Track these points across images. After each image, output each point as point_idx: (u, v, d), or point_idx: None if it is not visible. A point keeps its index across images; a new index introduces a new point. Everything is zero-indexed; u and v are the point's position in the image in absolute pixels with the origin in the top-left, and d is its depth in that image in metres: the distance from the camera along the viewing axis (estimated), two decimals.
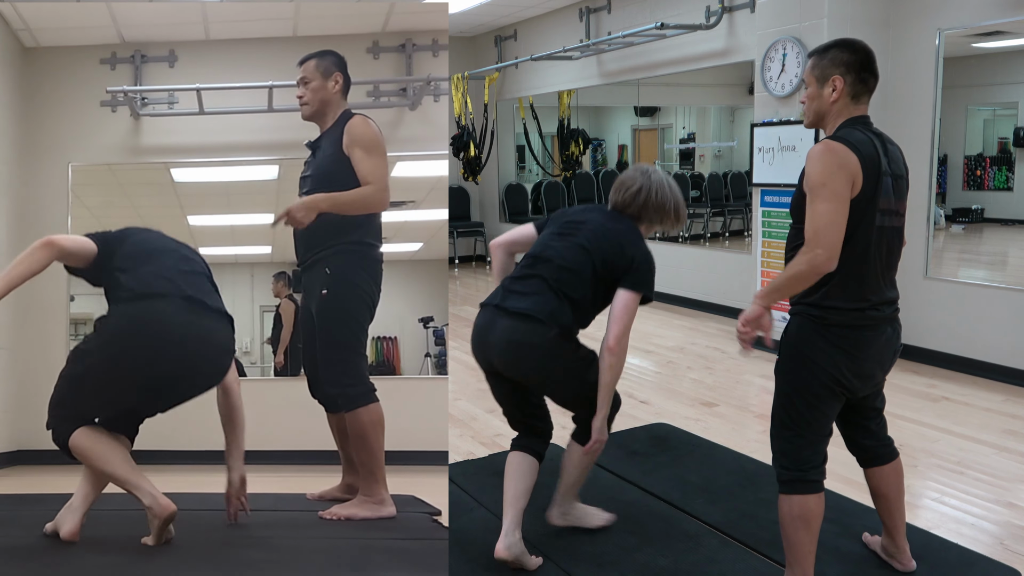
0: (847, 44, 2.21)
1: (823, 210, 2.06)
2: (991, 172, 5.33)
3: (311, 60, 2.87)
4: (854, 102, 2.20)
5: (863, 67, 2.19)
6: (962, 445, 3.70)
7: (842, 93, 2.19)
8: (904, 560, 2.53)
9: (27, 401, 4.26)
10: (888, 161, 2.16)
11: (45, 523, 2.41)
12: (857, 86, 2.19)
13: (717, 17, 6.38)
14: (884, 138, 2.21)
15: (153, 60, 4.44)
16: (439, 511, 2.95)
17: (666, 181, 2.70)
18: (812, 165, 2.10)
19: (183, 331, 2.28)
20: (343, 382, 2.70)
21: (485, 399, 4.56)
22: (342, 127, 2.80)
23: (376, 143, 2.76)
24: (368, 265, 2.75)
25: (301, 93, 2.87)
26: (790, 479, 2.27)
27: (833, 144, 2.09)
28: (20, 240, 4.30)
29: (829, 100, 2.20)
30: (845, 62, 2.18)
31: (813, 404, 2.23)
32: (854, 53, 2.19)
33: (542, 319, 2.49)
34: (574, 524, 2.83)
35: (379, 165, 2.74)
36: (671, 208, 2.68)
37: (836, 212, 2.06)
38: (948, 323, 4.90)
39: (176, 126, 4.43)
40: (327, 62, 2.86)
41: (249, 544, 2.41)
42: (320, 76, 2.85)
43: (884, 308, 2.21)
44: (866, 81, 2.20)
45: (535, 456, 2.66)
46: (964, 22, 4.71)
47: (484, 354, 2.60)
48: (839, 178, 2.06)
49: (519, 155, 10.32)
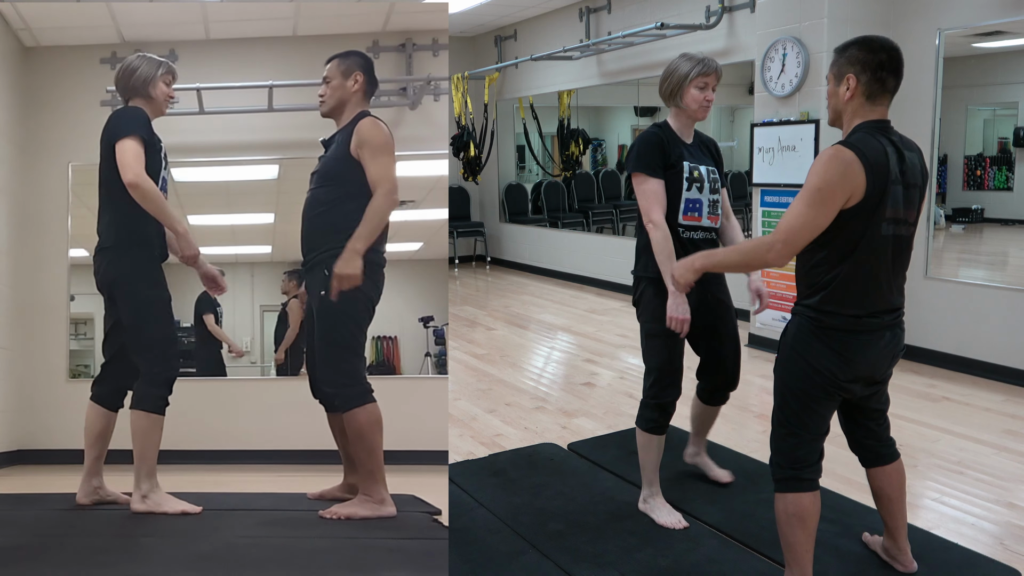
0: (866, 42, 2.17)
1: (804, 213, 2.07)
2: (991, 172, 5.33)
3: (335, 59, 2.89)
4: (870, 102, 2.16)
5: (881, 66, 2.13)
6: (962, 445, 3.70)
7: (856, 92, 2.16)
8: (905, 561, 2.53)
9: (27, 401, 4.26)
10: (902, 170, 2.13)
11: (45, 523, 2.41)
12: (873, 86, 2.14)
13: (717, 17, 6.38)
14: (903, 145, 2.17)
15: None
16: (439, 511, 2.95)
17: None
18: (816, 166, 2.09)
19: None
20: (340, 382, 2.71)
21: (485, 399, 4.58)
22: (353, 127, 2.80)
23: (384, 144, 2.76)
24: (368, 267, 2.75)
25: (322, 91, 2.88)
26: (784, 477, 2.27)
27: (843, 152, 2.07)
28: (20, 240, 4.30)
29: (844, 99, 2.18)
30: (861, 60, 2.14)
31: (807, 404, 2.24)
32: (871, 52, 2.14)
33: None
34: (701, 468, 3.26)
35: (386, 166, 2.75)
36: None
37: (815, 219, 2.07)
38: (948, 323, 4.90)
39: (176, 125, 4.42)
40: (349, 62, 2.88)
41: (249, 544, 2.40)
42: (340, 75, 2.86)
43: (885, 316, 2.20)
44: (883, 81, 2.14)
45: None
46: (964, 22, 4.71)
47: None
48: (835, 188, 2.05)
49: (519, 155, 10.31)
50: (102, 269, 2.82)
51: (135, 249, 2.80)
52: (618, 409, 4.31)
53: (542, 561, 2.65)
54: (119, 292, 2.79)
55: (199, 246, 2.90)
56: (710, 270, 2.38)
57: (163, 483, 3.01)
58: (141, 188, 2.68)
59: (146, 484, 2.76)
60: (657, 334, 2.81)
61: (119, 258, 2.79)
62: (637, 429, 2.95)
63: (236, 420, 4.32)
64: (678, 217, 2.79)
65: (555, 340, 6.16)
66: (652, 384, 2.89)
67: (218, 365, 4.58)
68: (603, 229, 9.40)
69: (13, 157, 4.28)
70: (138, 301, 2.78)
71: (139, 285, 2.79)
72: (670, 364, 2.84)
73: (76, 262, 4.40)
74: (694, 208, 2.81)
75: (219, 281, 3.04)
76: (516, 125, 9.78)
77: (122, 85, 2.89)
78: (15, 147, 4.30)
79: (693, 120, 2.86)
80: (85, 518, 2.73)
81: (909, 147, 2.20)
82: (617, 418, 4.16)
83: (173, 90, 2.96)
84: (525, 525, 2.91)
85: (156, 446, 2.79)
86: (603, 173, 10.10)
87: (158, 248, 2.86)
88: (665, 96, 2.84)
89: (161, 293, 2.84)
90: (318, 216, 2.79)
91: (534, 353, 5.80)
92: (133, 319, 2.79)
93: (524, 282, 8.87)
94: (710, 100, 2.79)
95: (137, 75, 2.87)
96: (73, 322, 4.41)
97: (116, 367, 2.92)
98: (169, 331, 2.84)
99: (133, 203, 2.73)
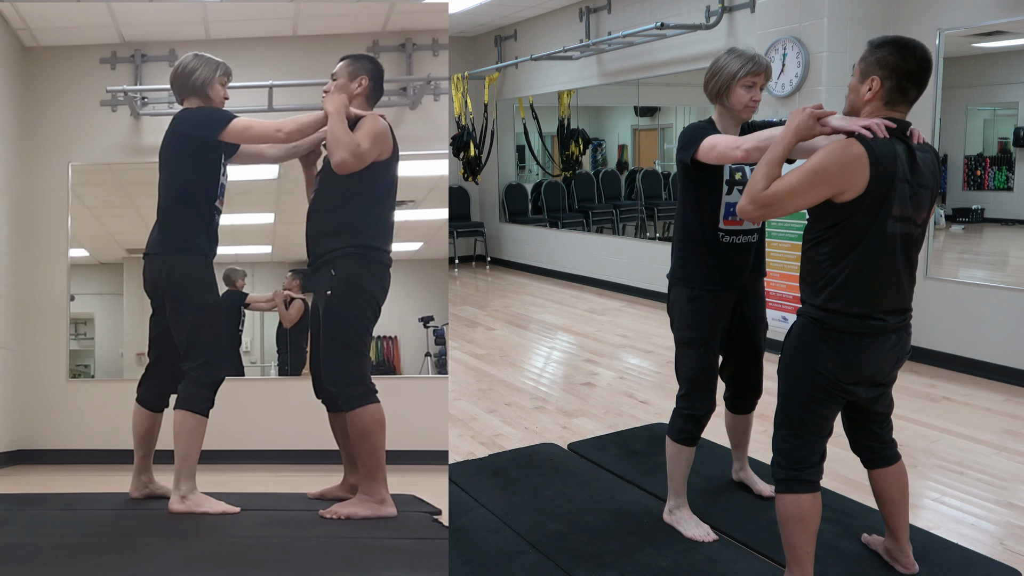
0: (900, 47, 2.10)
1: (792, 185, 2.08)
2: (991, 172, 5.33)
3: (346, 59, 2.90)
4: (888, 107, 2.13)
5: (908, 76, 2.09)
6: (962, 445, 3.70)
7: (877, 95, 2.13)
8: (907, 562, 2.53)
9: (27, 401, 4.26)
10: (912, 169, 2.11)
11: (45, 523, 2.41)
12: (895, 94, 2.11)
13: (717, 17, 6.38)
14: (917, 147, 2.14)
15: (153, 59, 4.44)
16: (439, 510, 2.95)
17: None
18: (824, 149, 2.08)
19: None
20: (344, 381, 2.71)
21: (485, 399, 4.57)
22: (354, 126, 2.80)
23: (375, 128, 2.75)
24: (373, 267, 2.76)
25: (327, 87, 2.89)
26: (784, 478, 2.27)
27: (854, 146, 2.05)
28: (20, 240, 4.30)
29: (863, 98, 2.15)
30: (890, 65, 2.09)
31: (810, 406, 2.24)
32: (903, 59, 2.08)
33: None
34: (747, 483, 3.19)
35: (363, 138, 2.71)
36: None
37: (799, 196, 2.08)
38: (948, 323, 4.90)
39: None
40: (356, 64, 2.88)
41: (250, 543, 2.40)
42: (347, 76, 2.86)
43: (890, 317, 2.18)
44: (906, 92, 2.11)
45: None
46: (964, 22, 4.71)
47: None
48: (829, 177, 2.05)
49: (519, 155, 10.31)
50: (153, 274, 2.83)
51: (187, 255, 2.82)
52: (618, 409, 4.31)
53: (542, 561, 2.65)
54: (170, 298, 2.81)
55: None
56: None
57: (163, 483, 3.01)
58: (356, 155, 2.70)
59: (186, 485, 2.76)
60: (690, 342, 2.73)
61: (170, 264, 2.80)
62: (667, 439, 2.86)
63: (236, 420, 4.31)
64: (719, 222, 2.65)
65: (555, 340, 6.16)
66: (685, 394, 2.80)
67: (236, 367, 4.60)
68: (603, 229, 9.40)
69: (13, 157, 4.28)
70: (189, 307, 2.79)
71: (191, 291, 2.80)
72: (703, 374, 2.74)
73: (76, 262, 4.40)
74: (736, 212, 2.62)
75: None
76: (516, 125, 9.78)
77: (178, 85, 2.91)
78: (15, 147, 4.30)
79: (738, 121, 2.69)
80: (85, 518, 2.73)
81: (922, 148, 2.17)
82: (617, 418, 4.16)
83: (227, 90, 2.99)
84: (525, 525, 2.91)
85: (199, 447, 2.79)
86: (603, 173, 10.09)
87: (209, 253, 2.88)
88: (711, 95, 2.67)
89: (212, 299, 2.86)
90: (324, 215, 2.79)
91: (534, 353, 5.80)
92: (184, 325, 2.79)
93: (524, 282, 8.87)
94: (757, 100, 2.62)
95: (196, 76, 2.89)
96: (73, 322, 4.40)
97: (161, 370, 2.94)
98: (218, 337, 2.85)
99: (188, 209, 2.80)
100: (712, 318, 2.70)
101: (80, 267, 4.42)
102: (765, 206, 2.12)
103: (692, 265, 2.70)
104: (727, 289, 2.71)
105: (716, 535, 2.79)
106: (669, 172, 9.27)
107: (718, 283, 2.68)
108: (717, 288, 2.69)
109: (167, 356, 2.89)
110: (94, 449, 4.19)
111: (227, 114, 2.83)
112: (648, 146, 9.82)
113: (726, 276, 2.69)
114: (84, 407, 4.29)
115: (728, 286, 2.70)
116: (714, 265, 2.67)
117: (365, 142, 2.71)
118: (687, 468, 2.85)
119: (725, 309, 2.72)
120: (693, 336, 2.71)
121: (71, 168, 4.40)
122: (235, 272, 4.69)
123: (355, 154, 2.68)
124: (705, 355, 2.72)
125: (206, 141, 2.82)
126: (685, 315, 2.72)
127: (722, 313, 2.72)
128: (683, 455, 2.83)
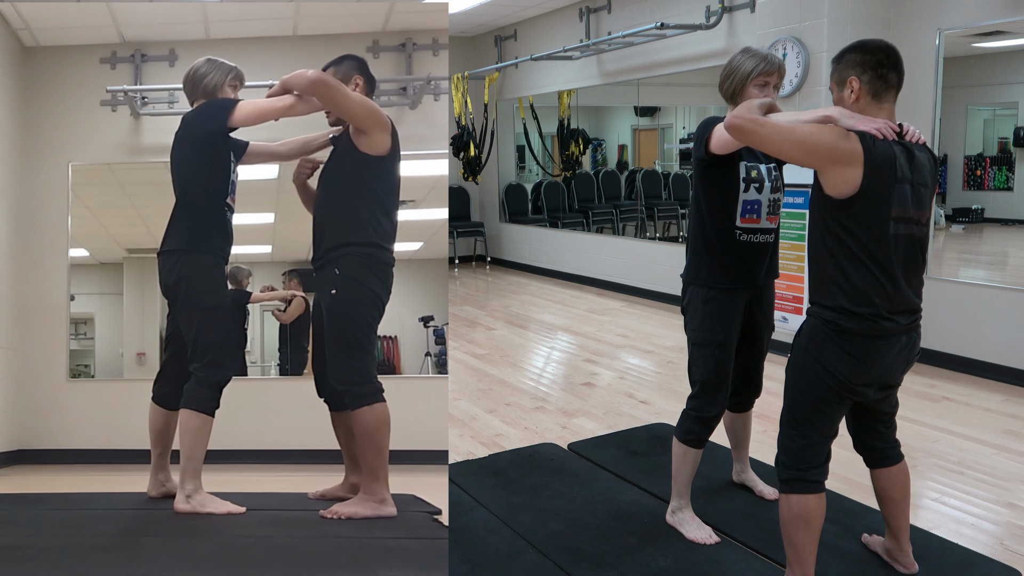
0: (860, 45, 2.19)
1: (783, 127, 2.09)
2: (991, 172, 5.33)
3: (329, 68, 2.90)
4: (877, 101, 2.17)
5: (880, 64, 2.15)
6: (962, 445, 3.70)
7: (860, 93, 2.16)
8: (907, 562, 2.53)
9: (27, 401, 4.26)
10: (911, 168, 2.13)
11: (45, 523, 2.41)
12: (876, 83, 2.16)
13: (717, 17, 6.38)
14: (914, 146, 2.17)
15: (153, 59, 4.43)
16: (439, 510, 2.95)
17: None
18: (828, 126, 2.11)
19: None
20: (351, 380, 2.71)
21: (485, 399, 4.57)
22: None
23: (374, 110, 2.77)
24: (377, 266, 2.77)
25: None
26: (790, 478, 2.27)
27: (852, 139, 2.08)
28: (20, 240, 4.30)
29: (849, 102, 2.18)
30: (860, 62, 2.16)
31: (818, 407, 2.24)
32: (867, 53, 2.16)
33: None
34: (748, 485, 3.19)
35: (359, 105, 2.74)
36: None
37: (783, 138, 2.09)
38: (948, 323, 4.90)
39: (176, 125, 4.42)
40: (345, 67, 2.89)
41: (250, 543, 2.40)
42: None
43: (900, 318, 2.17)
44: (885, 77, 2.16)
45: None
46: (964, 22, 4.71)
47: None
48: (818, 147, 2.07)
49: (519, 155, 10.31)
50: (166, 272, 2.84)
51: (198, 253, 2.82)
52: (618, 409, 4.31)
53: (542, 561, 2.65)
54: (180, 295, 2.81)
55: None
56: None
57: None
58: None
59: (191, 484, 2.76)
60: (705, 343, 2.71)
61: (182, 261, 2.81)
62: (675, 440, 2.84)
63: (237, 420, 4.31)
64: (735, 220, 2.63)
65: (555, 340, 6.16)
66: (696, 395, 2.77)
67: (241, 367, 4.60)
68: (603, 229, 9.40)
69: (13, 157, 4.28)
70: (197, 306, 2.80)
71: (200, 290, 2.80)
72: (716, 376, 2.71)
73: (76, 262, 4.40)
74: (753, 210, 2.64)
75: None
76: (516, 125, 9.78)
77: (190, 88, 2.94)
78: (15, 147, 4.30)
79: None
80: (86, 518, 2.73)
81: (919, 148, 2.19)
82: (617, 418, 4.16)
83: (173, 89, 2.99)
84: (525, 525, 2.91)
85: (204, 446, 2.78)
86: (603, 173, 10.10)
87: (220, 253, 2.88)
88: (727, 95, 2.66)
89: (221, 299, 2.86)
90: (327, 214, 2.80)
91: (534, 353, 5.80)
92: (191, 323, 2.80)
93: (524, 282, 8.87)
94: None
95: (207, 81, 2.92)
96: (73, 322, 4.40)
97: (175, 368, 2.94)
98: (225, 337, 2.85)
99: (201, 206, 2.83)
100: (728, 320, 2.69)
101: (80, 267, 4.42)
102: (749, 123, 2.11)
103: (708, 264, 2.68)
104: (743, 288, 2.70)
105: (718, 537, 2.79)
106: (669, 172, 9.27)
107: (734, 282, 2.67)
108: (733, 287, 2.67)
109: (182, 354, 2.89)
110: (94, 449, 4.19)
111: (230, 100, 2.85)
112: (648, 146, 9.82)
113: (742, 275, 2.68)
114: (84, 407, 4.29)
115: (744, 285, 2.69)
116: (730, 264, 2.66)
117: (360, 108, 2.75)
118: (692, 470, 2.84)
119: (740, 309, 2.71)
120: (709, 338, 2.69)
121: (71, 168, 4.40)
122: (240, 271, 4.69)
123: (364, 104, 2.73)
124: (719, 357, 2.70)
125: (218, 132, 2.85)
126: (700, 316, 2.70)
127: (737, 314, 2.71)
128: (689, 457, 2.82)
